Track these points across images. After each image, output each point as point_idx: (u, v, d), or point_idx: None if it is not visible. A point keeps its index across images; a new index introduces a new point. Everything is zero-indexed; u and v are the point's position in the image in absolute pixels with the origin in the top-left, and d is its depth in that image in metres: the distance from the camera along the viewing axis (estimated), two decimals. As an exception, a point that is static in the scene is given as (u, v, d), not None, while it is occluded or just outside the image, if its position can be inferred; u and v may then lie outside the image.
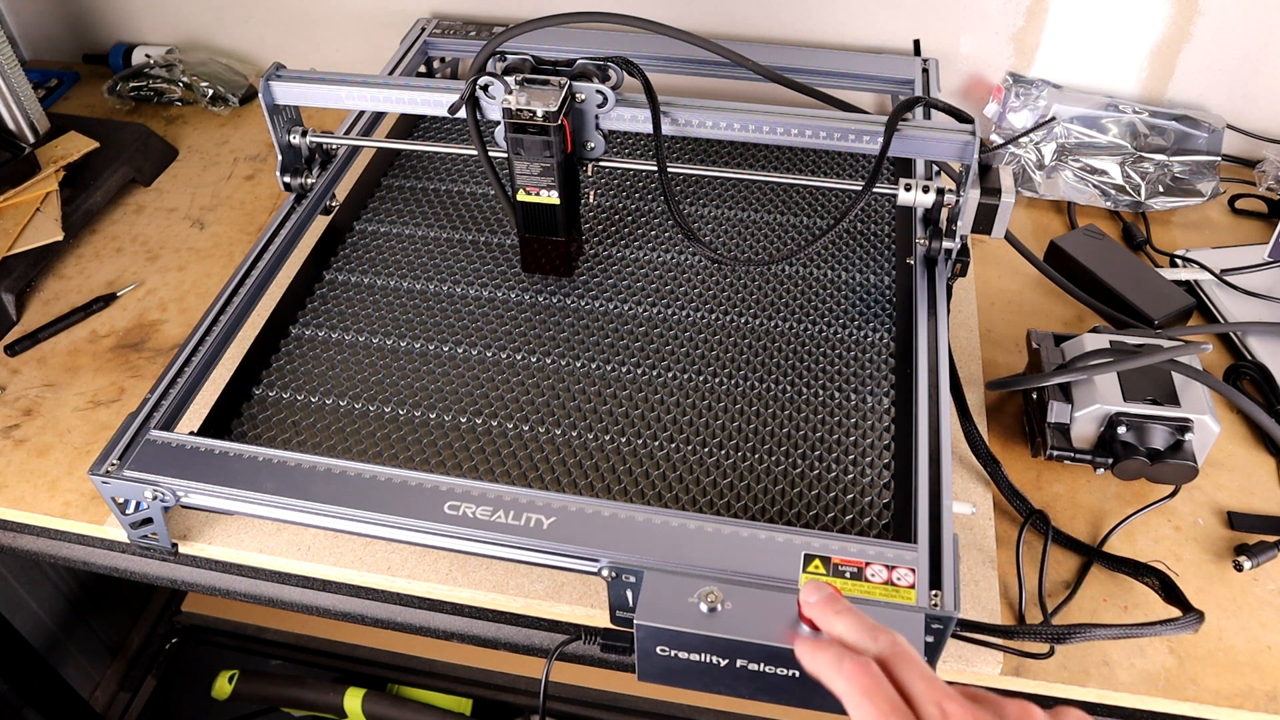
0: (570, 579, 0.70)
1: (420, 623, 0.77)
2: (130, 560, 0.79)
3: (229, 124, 1.18)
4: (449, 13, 1.17)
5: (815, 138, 0.77)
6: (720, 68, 1.01)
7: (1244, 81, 1.03)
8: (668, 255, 0.89)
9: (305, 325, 0.83)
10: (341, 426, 0.75)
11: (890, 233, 0.92)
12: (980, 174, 0.75)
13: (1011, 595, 0.69)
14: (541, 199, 0.80)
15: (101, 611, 1.54)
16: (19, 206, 0.98)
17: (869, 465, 0.71)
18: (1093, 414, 0.72)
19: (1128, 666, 0.65)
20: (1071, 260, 0.91)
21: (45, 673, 1.33)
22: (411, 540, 0.66)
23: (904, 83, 1.02)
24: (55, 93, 1.24)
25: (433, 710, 1.44)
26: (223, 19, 1.24)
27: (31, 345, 0.90)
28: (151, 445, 0.68)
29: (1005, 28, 1.05)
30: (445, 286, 0.87)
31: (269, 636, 1.56)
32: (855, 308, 0.84)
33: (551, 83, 0.76)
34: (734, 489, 0.70)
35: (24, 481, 0.78)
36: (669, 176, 0.79)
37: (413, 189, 0.99)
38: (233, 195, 1.07)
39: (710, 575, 0.58)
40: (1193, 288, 0.92)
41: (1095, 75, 1.06)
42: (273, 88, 0.83)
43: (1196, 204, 1.00)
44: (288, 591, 0.78)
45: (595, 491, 0.70)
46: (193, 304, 0.94)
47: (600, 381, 0.78)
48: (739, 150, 1.03)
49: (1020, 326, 0.89)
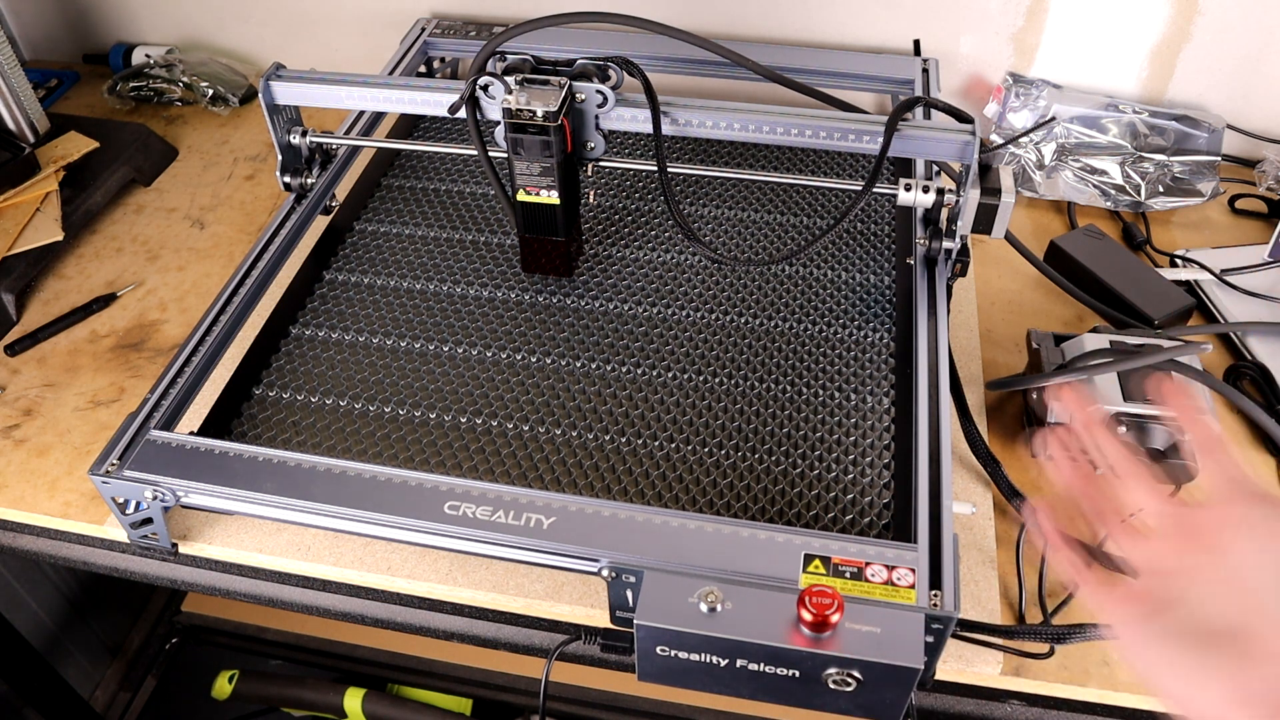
0: (570, 579, 0.70)
1: (420, 623, 0.77)
2: (130, 560, 0.79)
3: (229, 124, 1.18)
4: (449, 13, 1.17)
5: (815, 138, 0.77)
6: (720, 68, 1.01)
7: (1244, 81, 1.03)
8: (668, 255, 0.89)
9: (305, 325, 0.83)
10: (341, 426, 0.75)
11: (890, 233, 0.92)
12: (980, 174, 0.75)
13: (1011, 595, 0.69)
14: (541, 199, 0.80)
15: (101, 611, 1.54)
16: (19, 206, 0.98)
17: (869, 465, 0.71)
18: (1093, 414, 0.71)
19: (1128, 666, 0.65)
20: (1071, 260, 0.90)
21: (45, 673, 1.33)
22: (411, 540, 0.66)
23: (904, 83, 1.02)
24: (55, 93, 1.24)
25: (433, 710, 1.44)
26: (223, 19, 1.24)
27: (31, 345, 0.90)
28: (151, 445, 0.68)
29: (1005, 28, 1.05)
30: (445, 286, 0.87)
31: (269, 636, 1.56)
32: (855, 308, 0.84)
33: (551, 83, 0.76)
34: (734, 489, 0.70)
35: (24, 481, 0.78)
36: (669, 176, 0.79)
37: (413, 189, 0.99)
38: (233, 195, 1.07)
39: (710, 575, 0.58)
40: (1193, 288, 0.92)
41: (1095, 75, 1.06)
42: (273, 88, 0.83)
43: (1196, 204, 1.00)
44: (288, 591, 0.78)
45: (595, 491, 0.70)
46: (193, 304, 0.94)
47: (600, 381, 0.78)
48: (739, 150, 1.03)
49: (1020, 326, 0.89)
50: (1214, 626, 0.38)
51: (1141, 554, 0.44)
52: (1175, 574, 0.41)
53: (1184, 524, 0.43)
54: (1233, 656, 0.36)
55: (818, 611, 0.53)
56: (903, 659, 0.53)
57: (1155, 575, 0.42)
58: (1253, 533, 0.40)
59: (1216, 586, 0.40)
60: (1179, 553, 0.42)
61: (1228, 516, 0.41)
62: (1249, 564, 0.39)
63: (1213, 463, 0.44)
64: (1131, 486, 0.45)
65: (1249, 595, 0.38)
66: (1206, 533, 0.42)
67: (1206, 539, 0.41)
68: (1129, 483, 0.45)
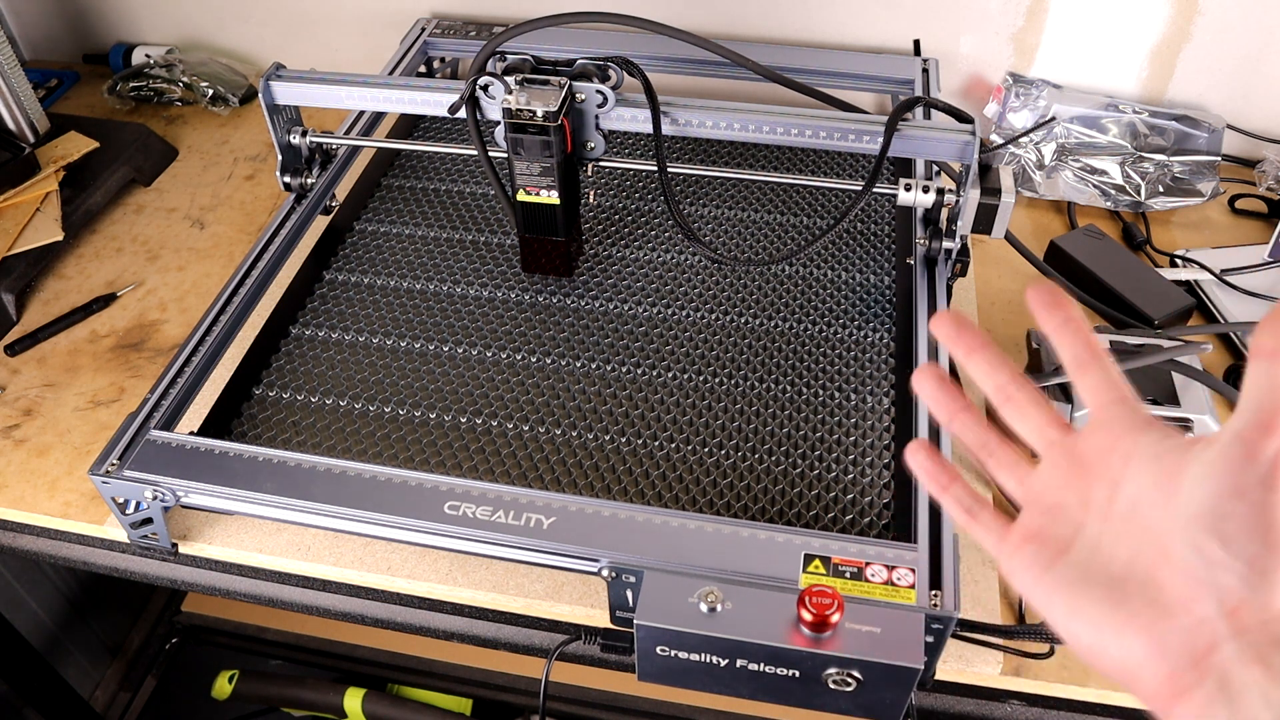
0: (570, 579, 0.70)
1: (420, 623, 0.77)
2: (130, 560, 0.79)
3: (229, 124, 1.18)
4: (449, 13, 1.17)
5: (815, 138, 0.77)
6: (720, 68, 1.01)
7: (1244, 81, 1.03)
8: (668, 255, 0.89)
9: (305, 325, 0.83)
10: (341, 426, 0.75)
11: (890, 233, 0.92)
12: (980, 174, 0.75)
13: (1012, 595, 0.69)
14: (541, 199, 0.80)
15: (101, 611, 1.54)
16: (19, 206, 0.98)
17: (869, 465, 0.71)
18: (1093, 414, 0.71)
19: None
20: (1071, 260, 0.91)
21: (45, 673, 1.33)
22: (411, 540, 0.66)
23: (904, 83, 1.02)
24: (55, 93, 1.24)
25: (433, 710, 1.44)
26: (223, 19, 1.24)
27: (31, 345, 0.90)
28: (151, 445, 0.68)
29: (1005, 28, 1.05)
30: (445, 286, 0.87)
31: (269, 636, 1.55)
32: (855, 308, 0.84)
33: (551, 83, 0.76)
34: (734, 489, 0.70)
35: (24, 481, 0.78)
36: (669, 176, 0.79)
37: (413, 189, 0.99)
38: (233, 195, 1.07)
39: (710, 575, 0.58)
40: (1193, 288, 0.91)
41: (1095, 75, 1.06)
42: (273, 88, 0.83)
43: (1196, 204, 1.00)
44: (288, 591, 0.78)
45: (595, 491, 0.70)
46: (193, 304, 0.94)
47: (600, 381, 0.78)
48: (739, 150, 1.03)
49: (1020, 326, 0.89)
50: (1116, 571, 0.35)
51: (1029, 489, 0.40)
52: (1067, 510, 0.38)
53: (1071, 454, 0.38)
54: (1144, 605, 0.34)
55: (818, 611, 0.53)
56: (903, 659, 0.53)
57: (1046, 512, 0.38)
58: (1145, 465, 0.36)
59: (1113, 524, 0.36)
60: (1067, 487, 0.38)
61: (1115, 445, 0.37)
62: (1145, 500, 0.35)
63: (1091, 380, 0.38)
64: (1028, 413, 0.40)
65: (1149, 536, 0.35)
66: (1095, 464, 0.37)
67: (1095, 470, 0.37)
68: (1025, 409, 0.40)
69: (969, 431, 0.42)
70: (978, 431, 0.42)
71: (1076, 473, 0.38)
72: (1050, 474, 0.39)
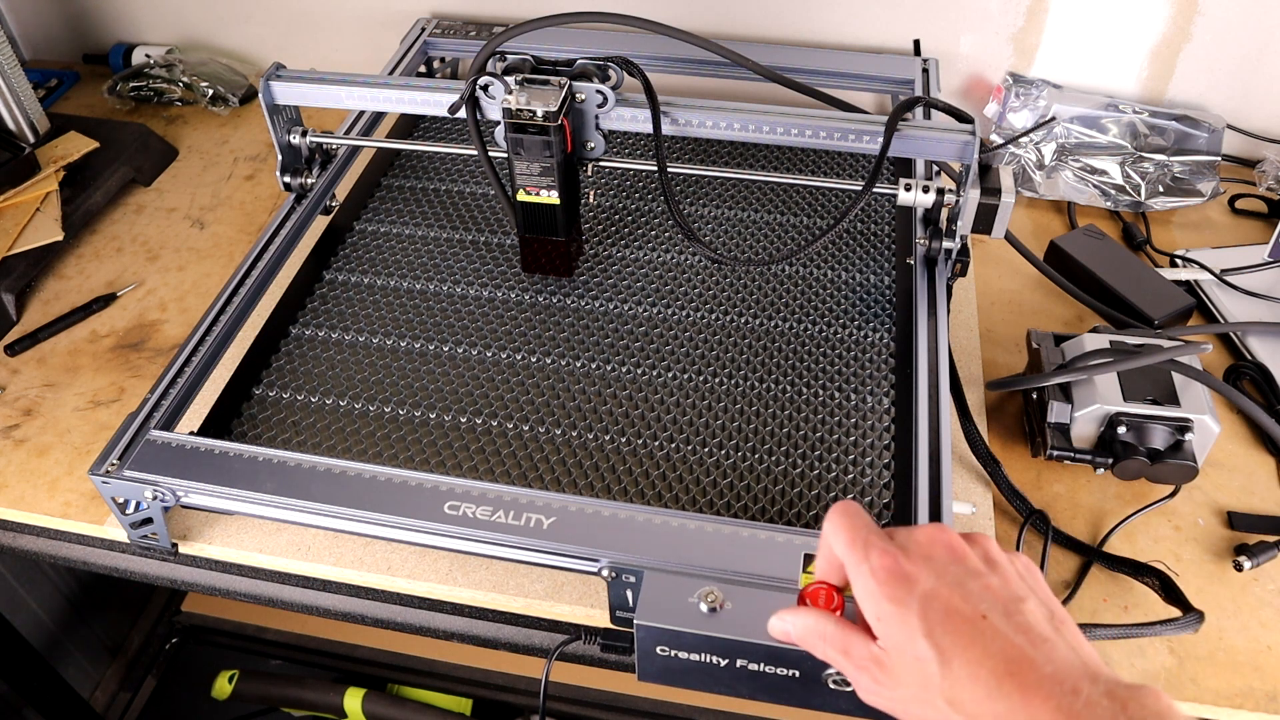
0: (570, 579, 0.70)
1: (420, 623, 0.77)
2: (130, 560, 0.79)
3: (229, 124, 1.18)
4: (449, 13, 1.17)
5: (815, 138, 0.77)
6: (720, 68, 1.01)
7: (1244, 81, 1.03)
8: (668, 255, 0.89)
9: (305, 325, 0.83)
10: (341, 426, 0.75)
11: (890, 233, 0.92)
12: (980, 174, 0.75)
13: (1011, 595, 0.69)
14: (541, 199, 0.80)
15: (101, 611, 1.54)
16: (19, 206, 0.98)
17: (869, 465, 0.71)
18: (1093, 414, 0.72)
19: (1128, 666, 0.65)
20: (1071, 260, 0.91)
21: (45, 673, 1.33)
22: (411, 540, 0.66)
23: (904, 83, 1.02)
24: (55, 93, 1.24)
25: (433, 710, 1.44)
26: (223, 19, 1.24)
27: (31, 345, 0.90)
28: (151, 445, 0.68)
29: (1005, 28, 1.05)
30: (445, 286, 0.87)
31: (269, 636, 1.56)
32: (855, 308, 0.84)
33: (551, 83, 0.76)
34: (734, 489, 0.70)
35: (24, 481, 0.78)
36: (669, 176, 0.79)
37: (413, 189, 0.99)
38: (233, 195, 1.07)
39: (710, 575, 0.58)
40: (1193, 288, 0.92)
41: (1095, 75, 1.06)
42: (273, 88, 0.83)
43: (1196, 204, 1.00)
44: (288, 591, 0.78)
45: (595, 491, 0.70)
46: (193, 304, 0.94)
47: (600, 381, 0.78)
48: (739, 150, 1.03)
49: (1020, 326, 0.89)
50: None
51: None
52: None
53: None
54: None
55: (818, 611, 0.53)
56: (903, 659, 0.53)
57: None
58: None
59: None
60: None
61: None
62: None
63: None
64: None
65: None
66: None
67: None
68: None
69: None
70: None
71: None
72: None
